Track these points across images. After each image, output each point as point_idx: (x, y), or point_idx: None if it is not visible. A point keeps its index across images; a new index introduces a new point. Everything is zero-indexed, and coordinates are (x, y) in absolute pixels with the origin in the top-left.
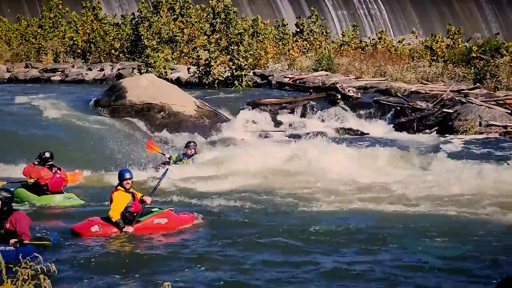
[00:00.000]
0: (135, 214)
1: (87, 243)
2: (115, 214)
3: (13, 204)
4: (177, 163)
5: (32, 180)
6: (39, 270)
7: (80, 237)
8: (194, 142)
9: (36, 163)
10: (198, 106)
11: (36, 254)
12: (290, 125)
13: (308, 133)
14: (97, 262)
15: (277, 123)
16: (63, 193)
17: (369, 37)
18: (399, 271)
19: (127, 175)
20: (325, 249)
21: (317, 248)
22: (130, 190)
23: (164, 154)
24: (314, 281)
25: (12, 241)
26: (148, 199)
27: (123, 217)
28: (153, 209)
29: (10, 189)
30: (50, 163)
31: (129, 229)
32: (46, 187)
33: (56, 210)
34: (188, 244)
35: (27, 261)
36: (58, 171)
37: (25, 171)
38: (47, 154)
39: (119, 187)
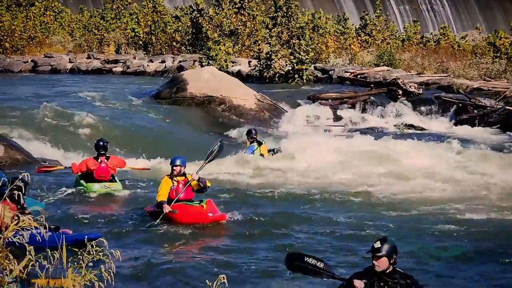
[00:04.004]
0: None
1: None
2: (157, 197)
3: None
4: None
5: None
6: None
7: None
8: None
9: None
10: (258, 100)
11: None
12: (350, 120)
13: (368, 128)
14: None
15: (337, 118)
16: (107, 181)
17: (431, 33)
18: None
19: (176, 162)
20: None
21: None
22: (176, 179)
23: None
24: None
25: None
26: (194, 175)
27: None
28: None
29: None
30: (101, 152)
31: (166, 208)
32: (92, 174)
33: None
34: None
35: (92, 245)
36: (105, 160)
37: (73, 169)
38: (100, 143)
39: (168, 174)
